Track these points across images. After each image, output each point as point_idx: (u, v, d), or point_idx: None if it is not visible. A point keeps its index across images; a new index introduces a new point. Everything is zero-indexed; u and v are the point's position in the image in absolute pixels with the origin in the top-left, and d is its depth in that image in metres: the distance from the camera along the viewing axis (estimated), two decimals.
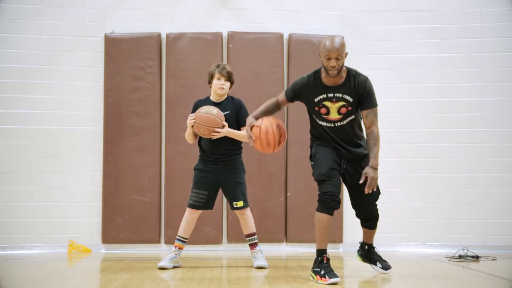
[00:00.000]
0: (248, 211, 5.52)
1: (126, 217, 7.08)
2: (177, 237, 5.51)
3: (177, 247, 5.48)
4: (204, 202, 5.47)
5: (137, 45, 7.22)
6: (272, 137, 4.73)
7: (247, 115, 5.37)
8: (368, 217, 5.00)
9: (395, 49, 7.41)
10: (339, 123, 4.71)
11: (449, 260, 6.07)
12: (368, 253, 5.25)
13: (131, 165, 7.13)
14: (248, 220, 5.51)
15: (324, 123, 4.74)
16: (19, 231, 7.04)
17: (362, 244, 5.26)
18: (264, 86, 7.23)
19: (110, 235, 7.08)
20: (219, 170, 5.45)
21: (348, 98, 4.65)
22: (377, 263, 5.16)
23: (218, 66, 5.50)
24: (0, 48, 7.17)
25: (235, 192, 5.45)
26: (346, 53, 4.60)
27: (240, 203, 5.45)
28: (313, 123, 4.87)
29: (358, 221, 7.11)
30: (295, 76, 7.16)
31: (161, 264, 5.38)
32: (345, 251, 7.08)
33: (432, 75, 7.38)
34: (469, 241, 6.90)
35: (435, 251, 7.06)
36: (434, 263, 6.00)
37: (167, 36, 7.25)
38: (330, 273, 4.56)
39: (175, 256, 5.44)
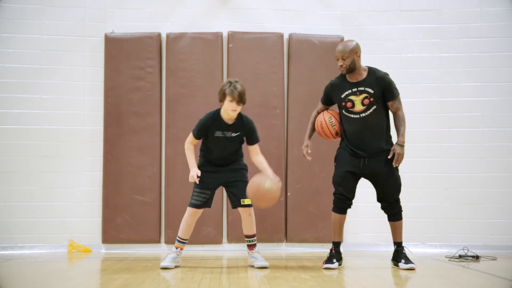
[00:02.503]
0: (253, 211, 5.48)
1: (126, 217, 7.08)
2: (178, 238, 5.50)
3: (178, 248, 5.48)
4: (206, 201, 5.45)
5: (137, 45, 7.22)
6: (327, 129, 5.46)
7: (256, 135, 5.44)
8: (393, 202, 5.41)
9: (395, 49, 7.41)
10: (363, 114, 5.32)
11: (449, 260, 6.07)
12: (395, 253, 5.47)
13: (131, 165, 7.13)
14: (252, 221, 5.48)
15: (352, 115, 5.36)
16: (19, 231, 7.04)
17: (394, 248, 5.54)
18: (264, 86, 7.23)
19: (110, 235, 7.08)
20: (224, 171, 5.44)
21: (370, 90, 5.32)
22: (402, 260, 5.37)
23: (230, 85, 5.25)
24: (0, 48, 7.17)
25: (242, 190, 5.33)
26: (358, 54, 5.34)
27: (247, 201, 5.38)
28: (343, 118, 5.44)
29: (358, 221, 7.19)
30: (295, 76, 7.25)
31: (163, 264, 5.37)
32: (345, 251, 7.07)
33: (432, 75, 7.39)
34: (469, 241, 6.90)
35: (435, 251, 7.06)
36: (434, 263, 5.99)
37: (167, 36, 7.25)
38: (328, 259, 5.42)
39: (176, 256, 5.45)
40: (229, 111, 5.30)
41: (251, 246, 5.54)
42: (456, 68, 7.37)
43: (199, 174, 5.33)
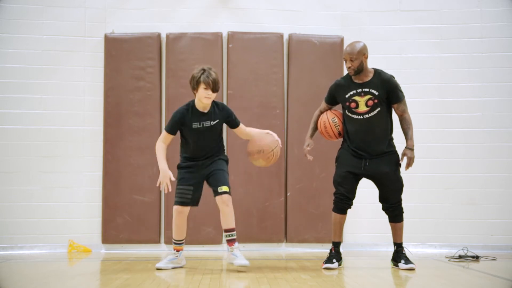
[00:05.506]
0: (231, 202, 5.26)
1: (126, 217, 7.09)
2: (173, 240, 5.43)
3: (175, 250, 5.43)
4: (191, 198, 5.30)
5: (137, 45, 7.22)
6: (330, 129, 5.45)
7: (236, 117, 5.40)
8: (395, 204, 5.40)
9: (395, 49, 7.42)
10: (367, 115, 5.31)
11: (449, 260, 6.07)
12: (395, 254, 5.47)
13: (131, 165, 7.14)
14: (230, 213, 5.23)
15: (355, 116, 5.34)
16: (19, 231, 7.05)
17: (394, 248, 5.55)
18: (264, 86, 7.23)
19: (110, 235, 7.08)
20: (204, 164, 5.31)
21: (374, 92, 5.31)
22: (402, 260, 5.38)
23: (203, 72, 5.15)
24: (0, 48, 7.18)
25: (219, 178, 5.23)
26: (365, 55, 5.34)
27: (225, 188, 5.20)
28: (346, 119, 5.43)
29: (358, 221, 7.20)
30: (295, 76, 7.25)
31: (158, 265, 5.34)
32: (345, 251, 7.08)
33: (432, 75, 7.39)
34: (469, 241, 6.91)
35: (435, 251, 7.07)
36: (434, 263, 6.00)
37: (167, 36, 7.25)
38: (328, 259, 5.42)
39: (175, 258, 5.39)
40: (203, 98, 5.17)
41: (230, 242, 5.27)
42: (456, 68, 7.37)
43: (172, 178, 5.20)
